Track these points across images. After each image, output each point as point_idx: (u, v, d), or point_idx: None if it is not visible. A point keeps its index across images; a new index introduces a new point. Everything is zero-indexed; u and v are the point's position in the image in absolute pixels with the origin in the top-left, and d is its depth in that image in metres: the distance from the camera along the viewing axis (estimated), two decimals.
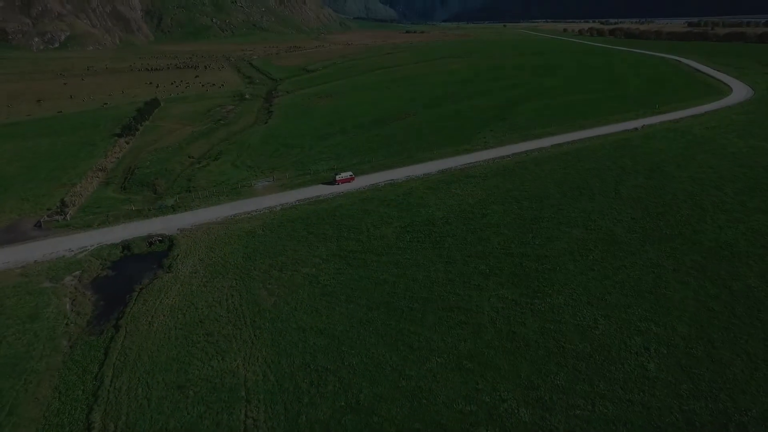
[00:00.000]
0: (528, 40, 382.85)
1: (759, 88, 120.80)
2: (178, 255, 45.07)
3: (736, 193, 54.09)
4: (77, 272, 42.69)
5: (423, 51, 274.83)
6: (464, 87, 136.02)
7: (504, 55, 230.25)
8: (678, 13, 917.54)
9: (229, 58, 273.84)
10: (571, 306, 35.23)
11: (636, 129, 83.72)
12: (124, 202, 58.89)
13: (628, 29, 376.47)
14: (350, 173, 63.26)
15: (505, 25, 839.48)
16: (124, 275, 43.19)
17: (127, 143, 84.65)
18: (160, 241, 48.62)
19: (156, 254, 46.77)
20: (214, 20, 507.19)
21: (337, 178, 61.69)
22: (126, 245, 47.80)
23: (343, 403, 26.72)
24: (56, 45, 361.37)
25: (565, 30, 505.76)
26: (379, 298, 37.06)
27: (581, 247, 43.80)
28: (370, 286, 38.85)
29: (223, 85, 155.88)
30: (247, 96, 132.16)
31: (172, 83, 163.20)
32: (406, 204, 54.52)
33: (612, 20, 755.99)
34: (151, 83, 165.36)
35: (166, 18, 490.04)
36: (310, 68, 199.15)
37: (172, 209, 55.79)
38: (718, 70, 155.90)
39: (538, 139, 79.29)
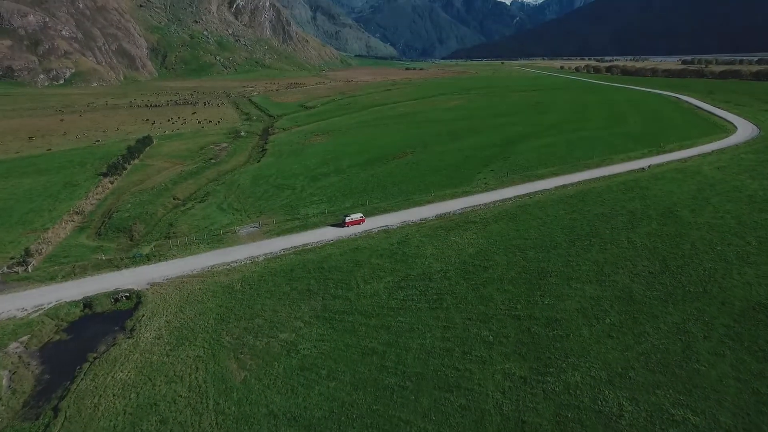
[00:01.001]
0: (525, 76, 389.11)
1: (765, 126, 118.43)
2: (143, 315, 40.19)
3: (761, 243, 49.56)
4: (25, 337, 37.69)
5: (422, 87, 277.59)
6: (463, 124, 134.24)
7: (502, 92, 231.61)
8: (670, 51, 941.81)
9: (229, 95, 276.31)
10: (589, 385, 30.05)
11: (643, 169, 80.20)
12: (96, 250, 54.46)
13: (624, 67, 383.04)
14: (360, 215, 59.84)
15: (502, 63, 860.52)
16: (79, 340, 38.19)
17: (111, 183, 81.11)
18: (126, 298, 43.82)
19: (120, 313, 41.89)
20: (217, 58, 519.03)
21: (347, 219, 58.26)
22: (88, 302, 42.95)
23: None
24: (61, 81, 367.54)
25: (561, 67, 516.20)
26: (366, 374, 31.94)
27: (596, 307, 38.92)
28: (357, 357, 33.80)
29: (219, 121, 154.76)
30: (242, 133, 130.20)
31: (168, 120, 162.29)
32: (400, 254, 49.99)
33: (607, 58, 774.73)
34: (147, 120, 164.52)
35: (170, 56, 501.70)
36: (308, 105, 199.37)
37: (147, 258, 51.29)
38: (718, 108, 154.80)
39: (541, 180, 75.60)
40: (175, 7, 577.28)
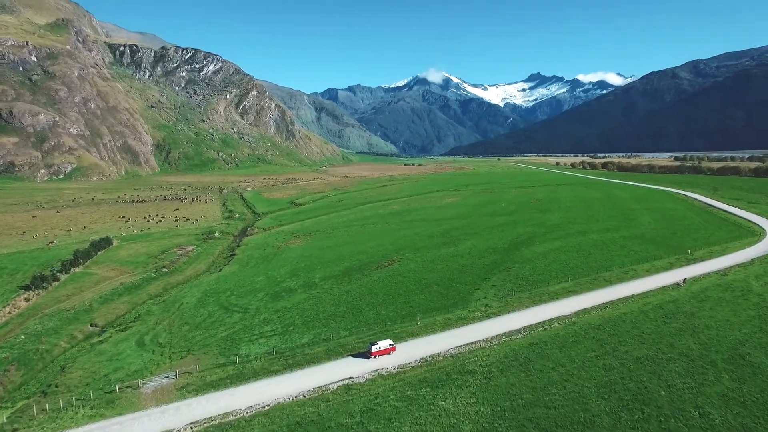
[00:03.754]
0: (522, 172, 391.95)
1: None
2: None
3: None
4: None
5: (418, 184, 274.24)
6: (460, 224, 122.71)
7: (500, 188, 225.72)
8: (657, 149, 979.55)
9: (222, 190, 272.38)
10: None
11: (678, 285, 65.62)
12: None
13: (620, 163, 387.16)
14: (390, 342, 47.61)
15: (498, 159, 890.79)
16: None
17: (27, 300, 66.25)
18: None
19: None
20: (220, 154, 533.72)
21: (373, 349, 46.17)
22: None
23: None
24: (61, 176, 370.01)
25: (557, 163, 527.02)
26: None
27: None
28: None
29: (197, 220, 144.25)
30: (216, 234, 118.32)
31: (145, 217, 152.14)
32: None
33: (600, 155, 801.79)
34: (123, 217, 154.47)
35: (174, 151, 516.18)
36: (299, 201, 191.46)
37: None
38: (732, 206, 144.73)
39: (555, 302, 60.65)
40: (185, 107, 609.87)
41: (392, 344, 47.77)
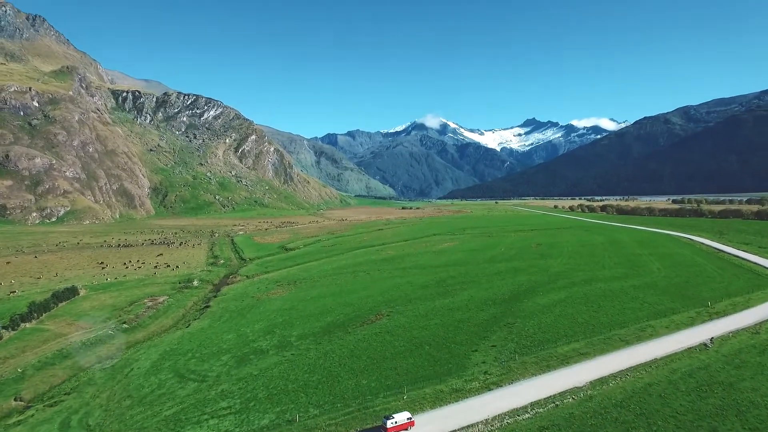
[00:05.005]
0: (521, 215, 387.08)
1: None
2: None
3: None
4: None
5: (415, 228, 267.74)
6: (456, 272, 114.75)
7: (499, 232, 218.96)
8: (654, 192, 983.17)
9: (214, 234, 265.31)
10: None
11: (706, 346, 57.18)
12: None
13: (618, 205, 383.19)
14: (408, 415, 39.52)
15: (496, 202, 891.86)
16: None
17: None
18: None
19: None
20: (216, 197, 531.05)
21: (389, 425, 37.83)
22: None
23: None
24: (53, 219, 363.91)
25: (555, 206, 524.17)
26: None
27: None
28: None
29: (178, 266, 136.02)
30: (195, 282, 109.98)
31: (125, 263, 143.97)
32: None
33: (597, 197, 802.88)
34: (102, 263, 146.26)
35: (171, 195, 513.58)
36: (290, 246, 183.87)
37: None
38: (743, 251, 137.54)
39: (566, 367, 52.00)
40: (184, 151, 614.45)
41: (410, 418, 39.30)
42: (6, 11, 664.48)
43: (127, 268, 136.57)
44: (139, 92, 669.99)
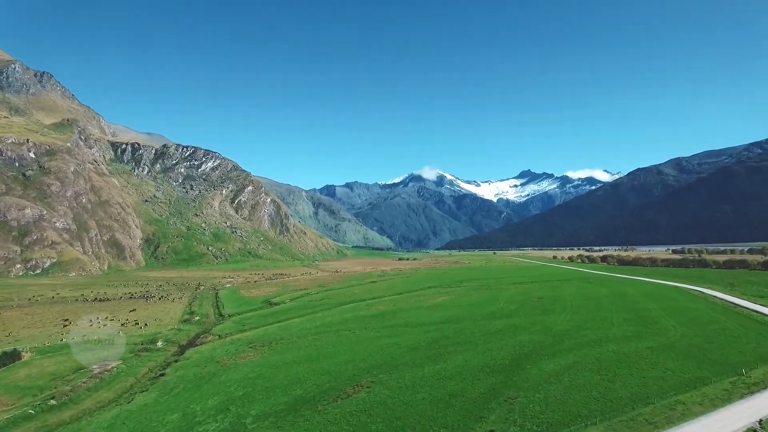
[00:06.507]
0: (519, 267, 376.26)
1: None
2: None
3: None
4: None
5: (410, 280, 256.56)
6: (451, 330, 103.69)
7: (498, 284, 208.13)
8: (651, 242, 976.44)
9: (200, 286, 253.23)
10: None
11: (755, 431, 46.41)
12: None
13: (619, 256, 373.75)
14: None
15: (494, 253, 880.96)
16: None
17: None
18: None
19: None
20: (210, 248, 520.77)
21: None
22: None
23: None
24: (38, 271, 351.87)
25: (554, 257, 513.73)
26: None
27: None
28: None
29: (147, 324, 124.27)
30: (159, 343, 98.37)
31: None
32: None
33: (596, 248, 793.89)
34: (66, 320, 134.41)
35: (163, 245, 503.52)
36: (275, 300, 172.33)
37: None
38: (761, 305, 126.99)
39: None
40: (180, 202, 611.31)
41: None
42: (15, 68, 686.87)
43: (90, 326, 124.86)
44: (139, 144, 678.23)
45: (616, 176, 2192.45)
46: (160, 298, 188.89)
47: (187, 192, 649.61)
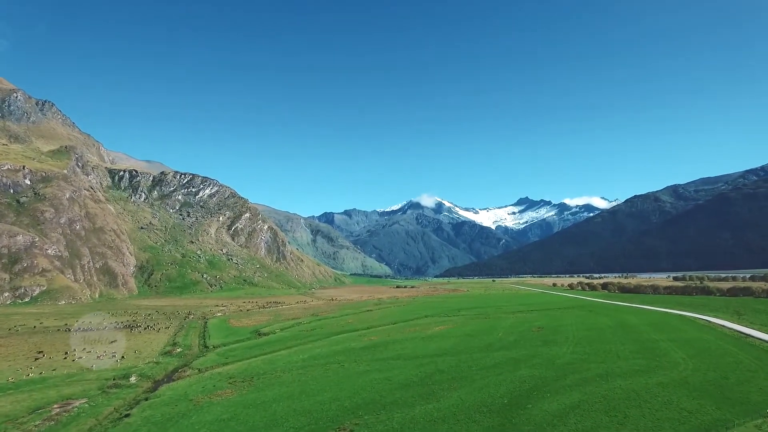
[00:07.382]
0: (519, 295, 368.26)
1: None
2: None
3: None
4: None
5: (406, 308, 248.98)
6: (446, 364, 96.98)
7: (496, 313, 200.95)
8: (651, 269, 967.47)
9: (189, 315, 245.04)
10: None
11: None
12: None
13: (620, 283, 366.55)
14: None
15: (494, 280, 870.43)
16: None
17: None
18: None
19: None
20: (204, 276, 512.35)
21: None
22: None
23: None
24: (27, 300, 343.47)
25: (554, 284, 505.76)
26: None
27: None
28: None
29: (125, 356, 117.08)
30: (132, 379, 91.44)
31: (66, 353, 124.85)
32: None
33: (596, 275, 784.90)
34: (41, 352, 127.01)
35: (157, 273, 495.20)
36: (265, 330, 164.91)
37: None
38: None
39: None
40: (175, 229, 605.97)
41: None
42: (17, 97, 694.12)
43: (65, 359, 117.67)
44: (137, 171, 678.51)
45: (614, 203, 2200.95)
46: (145, 328, 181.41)
47: (183, 219, 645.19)
